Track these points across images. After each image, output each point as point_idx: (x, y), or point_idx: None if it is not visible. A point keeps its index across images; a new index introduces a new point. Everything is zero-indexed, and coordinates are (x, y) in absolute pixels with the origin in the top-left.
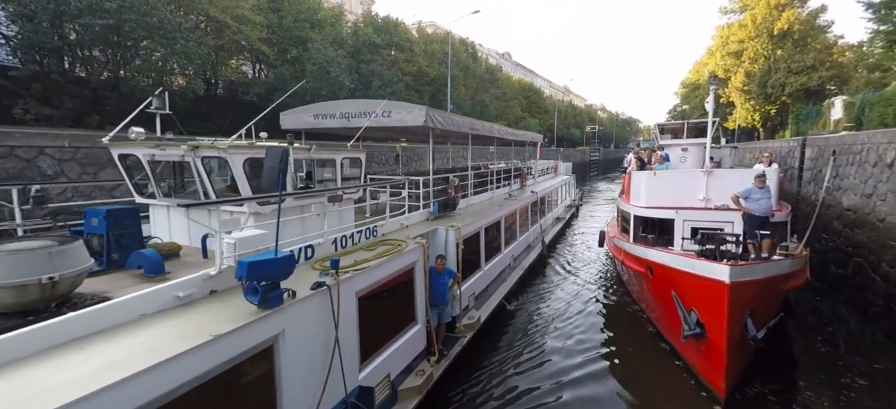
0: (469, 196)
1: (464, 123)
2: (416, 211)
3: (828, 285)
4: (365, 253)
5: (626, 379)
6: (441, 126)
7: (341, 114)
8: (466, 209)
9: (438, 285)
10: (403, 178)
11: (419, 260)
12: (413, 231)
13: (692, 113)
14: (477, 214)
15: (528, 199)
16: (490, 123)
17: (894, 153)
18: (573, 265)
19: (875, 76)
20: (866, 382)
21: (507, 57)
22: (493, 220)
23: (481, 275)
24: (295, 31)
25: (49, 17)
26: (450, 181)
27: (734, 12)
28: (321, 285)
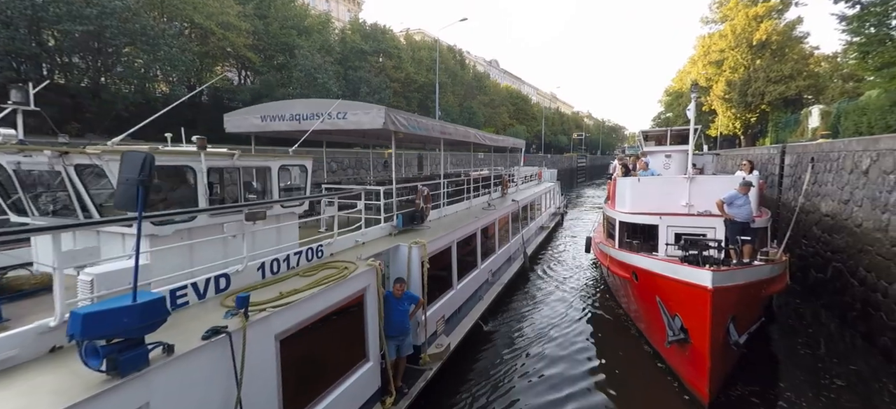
0: (442, 207)
1: (433, 127)
2: (376, 225)
3: (808, 290)
4: (301, 280)
5: (611, 385)
6: (405, 129)
7: (291, 115)
8: (438, 221)
9: (397, 313)
10: (359, 188)
11: (371, 285)
12: (369, 249)
13: (676, 120)
14: (450, 226)
15: (509, 208)
16: (465, 128)
17: (869, 161)
18: (557, 276)
19: (850, 86)
20: (844, 383)
21: (495, 64)
22: (468, 232)
23: (453, 295)
24: (281, 38)
25: (26, 23)
26: (418, 191)
27: (715, 23)
28: (218, 332)
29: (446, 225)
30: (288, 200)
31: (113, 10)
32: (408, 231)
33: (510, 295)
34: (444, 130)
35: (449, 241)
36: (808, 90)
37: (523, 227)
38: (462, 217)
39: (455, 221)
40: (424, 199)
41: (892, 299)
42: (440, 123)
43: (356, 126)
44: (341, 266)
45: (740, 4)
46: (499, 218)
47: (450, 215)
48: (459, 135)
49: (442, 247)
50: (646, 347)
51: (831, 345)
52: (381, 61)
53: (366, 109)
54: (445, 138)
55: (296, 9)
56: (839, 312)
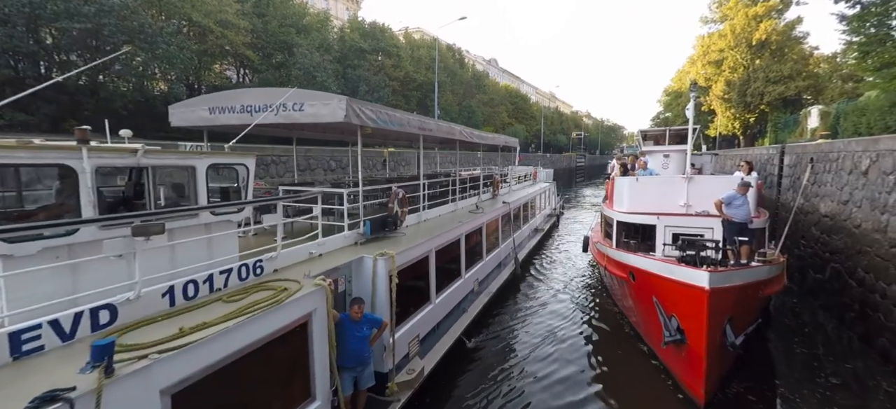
0: (423, 210)
1: (409, 122)
2: (340, 233)
3: (806, 290)
4: (221, 308)
5: (606, 386)
6: (373, 124)
7: (242, 107)
8: (417, 227)
9: (353, 339)
10: (316, 190)
11: (319, 309)
12: (325, 263)
13: (675, 120)
14: (429, 232)
15: (500, 210)
16: (450, 124)
17: (868, 161)
18: (551, 281)
19: (849, 86)
20: (839, 381)
21: (494, 63)
22: (450, 239)
23: (431, 310)
24: (280, 36)
25: (24, 20)
26: (392, 193)
27: (714, 22)
28: (54, 399)
29: (426, 231)
30: (214, 206)
31: (111, 8)
32: (378, 240)
33: (499, 305)
34: (424, 127)
35: (426, 250)
36: (808, 90)
37: (515, 230)
38: (445, 222)
39: (437, 226)
40: (400, 202)
41: (891, 300)
42: (418, 118)
43: (315, 119)
44: (279, 287)
45: (740, 4)
46: (487, 222)
47: (432, 220)
48: (442, 132)
49: (417, 257)
50: (642, 347)
51: (829, 346)
52: (380, 60)
53: (325, 99)
54: (426, 135)
55: (294, 7)
56: (837, 313)
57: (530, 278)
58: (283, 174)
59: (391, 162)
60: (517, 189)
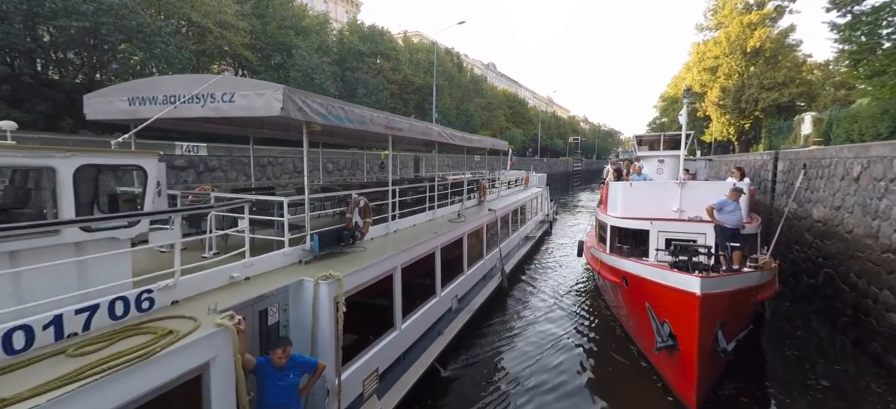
0: (392, 220)
1: (373, 120)
2: (278, 251)
3: (800, 295)
4: (63, 364)
5: (599, 391)
6: (322, 119)
7: (165, 98)
8: (384, 240)
9: (275, 390)
10: (245, 199)
11: (220, 358)
12: (252, 289)
13: (671, 126)
14: (397, 246)
15: (484, 219)
16: (426, 124)
17: (860, 168)
18: (542, 292)
19: (841, 94)
20: (829, 383)
21: (492, 67)
22: (422, 253)
23: (394, 339)
24: (279, 38)
25: (22, 18)
26: (351, 201)
27: (709, 30)
28: None
29: (393, 245)
30: (77, 221)
31: (110, 7)
32: (330, 257)
33: (483, 323)
34: (392, 126)
35: (389, 267)
36: (801, 97)
37: (503, 239)
38: (419, 233)
39: (408, 238)
40: (361, 211)
41: (883, 305)
42: (385, 116)
43: (248, 112)
44: (160, 331)
45: (734, 12)
46: (469, 232)
47: (404, 231)
48: (416, 133)
49: (378, 276)
50: (635, 352)
51: (822, 350)
52: (379, 63)
53: (259, 89)
54: (395, 135)
55: (294, 9)
56: (830, 317)
57: (519, 290)
58: (280, 176)
59: (388, 164)
60: (507, 195)
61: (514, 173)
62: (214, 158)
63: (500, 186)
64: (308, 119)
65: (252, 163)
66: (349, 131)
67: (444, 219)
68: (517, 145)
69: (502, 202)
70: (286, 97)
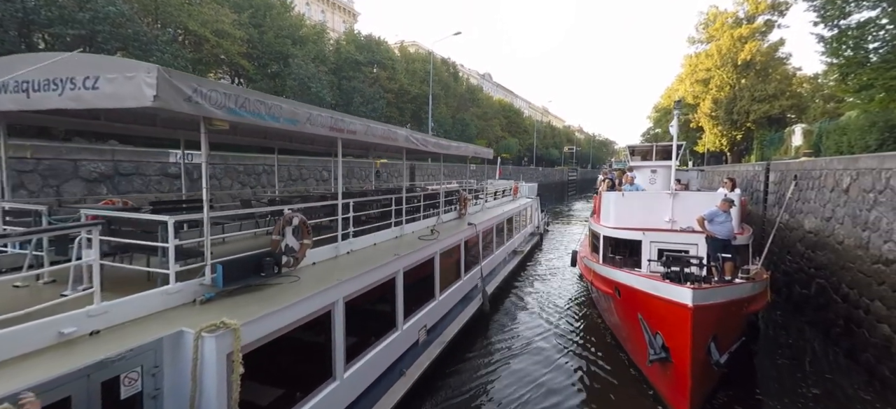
0: (343, 240)
1: (311, 119)
2: (158, 288)
3: (793, 306)
4: None
5: (590, 404)
6: (225, 114)
7: (16, 85)
8: (333, 264)
9: None
10: (103, 212)
11: None
12: (100, 347)
13: (664, 136)
14: (344, 272)
15: (463, 235)
16: (388, 126)
17: (849, 179)
18: (528, 313)
19: (830, 106)
20: (824, 395)
21: (488, 77)
22: (376, 281)
23: (332, 392)
24: (276, 47)
25: (17, 25)
26: (281, 220)
27: (701, 43)
28: None
29: (338, 271)
30: None
31: (106, 15)
32: (244, 292)
33: (458, 355)
34: (339, 127)
35: (326, 302)
36: (791, 109)
37: (486, 256)
38: (378, 254)
39: (363, 261)
40: (296, 231)
41: (874, 316)
42: (330, 114)
43: (116, 102)
44: None
45: (725, 26)
46: (444, 250)
47: (360, 252)
48: (376, 136)
49: (307, 316)
50: (625, 360)
51: (815, 361)
52: (376, 72)
53: (127, 70)
54: (347, 139)
55: (291, 19)
56: (823, 328)
57: (503, 311)
58: (274, 183)
59: (384, 173)
60: (492, 207)
61: (503, 183)
62: (209, 166)
63: (485, 197)
64: (205, 113)
65: (186, 168)
66: (279, 132)
67: (415, 236)
68: (513, 155)
69: (486, 215)
70: (163, 82)
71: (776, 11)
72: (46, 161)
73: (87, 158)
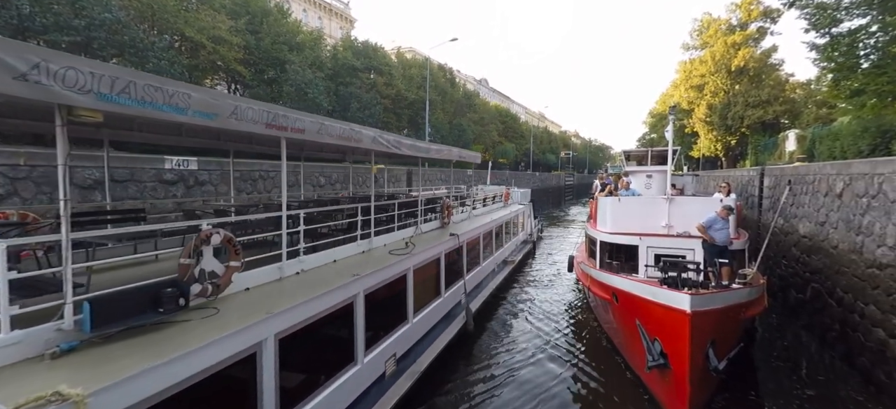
0: (289, 259)
1: (239, 113)
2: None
3: (788, 310)
4: None
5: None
6: (95, 102)
7: None
8: (274, 288)
9: None
10: None
11: None
12: None
13: (660, 141)
14: (287, 297)
15: (443, 247)
16: (352, 126)
17: (842, 184)
18: (518, 328)
19: (823, 112)
20: (820, 399)
21: (485, 83)
22: (327, 309)
23: None
24: (273, 53)
25: (12, 32)
26: (194, 238)
27: (695, 49)
28: None
29: (276, 299)
30: None
31: (102, 22)
32: (133, 335)
33: (435, 386)
34: (279, 124)
35: (248, 343)
36: (785, 115)
37: (471, 268)
38: (336, 273)
39: (311, 284)
40: (221, 251)
41: (869, 320)
42: (266, 109)
43: None
44: None
45: (719, 32)
46: (420, 265)
47: (314, 272)
48: (332, 136)
49: (219, 363)
50: (624, 367)
51: (812, 366)
52: (373, 78)
53: None
54: (291, 139)
55: (288, 25)
56: (819, 332)
57: (490, 330)
58: (271, 190)
59: (382, 179)
60: (481, 214)
61: (493, 189)
62: (205, 172)
63: (474, 204)
64: (60, 100)
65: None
66: (208, 130)
67: (386, 249)
68: (510, 160)
69: (472, 224)
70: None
71: (768, 18)
72: (40, 168)
73: (82, 165)
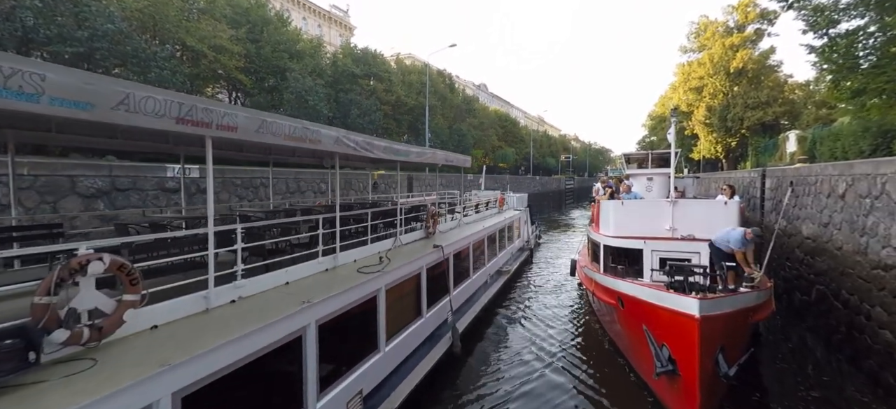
0: (232, 281)
1: (134, 104)
2: None
3: (794, 312)
4: None
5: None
6: None
7: None
8: (197, 322)
9: None
10: None
11: None
12: None
13: (660, 144)
14: (200, 339)
15: (424, 261)
16: (299, 123)
17: (845, 185)
18: (512, 347)
19: (823, 112)
20: (827, 402)
21: (484, 88)
22: (255, 351)
23: None
24: (273, 61)
25: (16, 44)
26: (60, 268)
27: (693, 51)
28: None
29: (197, 335)
30: None
31: (105, 33)
32: None
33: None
34: (198, 119)
35: None
36: (785, 116)
37: (457, 284)
38: (284, 300)
39: (250, 313)
40: (115, 282)
41: (876, 322)
42: (178, 98)
43: None
44: None
45: (716, 35)
46: (393, 284)
47: (251, 300)
48: (281, 136)
49: None
50: (627, 369)
51: (818, 369)
52: (372, 84)
53: None
54: (219, 138)
55: (288, 33)
56: (824, 335)
57: (480, 351)
58: (272, 197)
59: (382, 185)
60: (472, 222)
61: (487, 194)
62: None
63: (465, 211)
64: None
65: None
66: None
67: (356, 267)
68: (510, 164)
69: (462, 232)
70: None
71: (765, 20)
72: (43, 177)
73: (85, 174)
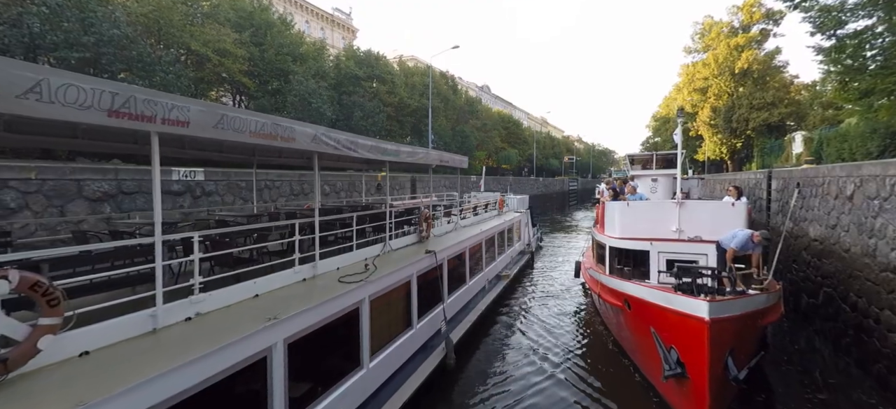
0: (190, 296)
1: (63, 100)
2: None
3: (801, 315)
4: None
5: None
6: None
7: None
8: (144, 344)
9: None
10: None
11: None
12: None
13: (664, 145)
14: (143, 366)
15: (414, 268)
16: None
17: (853, 187)
18: (508, 358)
19: (829, 113)
20: (825, 395)
21: (487, 89)
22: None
23: None
24: (277, 64)
25: (23, 50)
26: None
27: (698, 52)
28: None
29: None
30: None
31: (110, 39)
32: None
33: None
34: (135, 112)
35: None
36: (790, 117)
37: (452, 291)
38: (244, 319)
39: (207, 332)
40: (31, 303)
41: (885, 326)
42: (113, 89)
43: None
44: None
45: (721, 35)
46: (378, 294)
47: (211, 316)
48: (242, 132)
49: None
50: (631, 369)
51: (826, 372)
52: (375, 86)
53: None
54: (167, 134)
55: (292, 37)
56: (832, 338)
57: (475, 363)
58: (276, 199)
59: (386, 188)
60: (469, 225)
61: (486, 196)
62: (211, 183)
63: (462, 214)
64: None
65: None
66: None
67: (336, 276)
68: (513, 165)
69: (458, 236)
70: None
71: (771, 20)
72: (50, 182)
73: (91, 178)
